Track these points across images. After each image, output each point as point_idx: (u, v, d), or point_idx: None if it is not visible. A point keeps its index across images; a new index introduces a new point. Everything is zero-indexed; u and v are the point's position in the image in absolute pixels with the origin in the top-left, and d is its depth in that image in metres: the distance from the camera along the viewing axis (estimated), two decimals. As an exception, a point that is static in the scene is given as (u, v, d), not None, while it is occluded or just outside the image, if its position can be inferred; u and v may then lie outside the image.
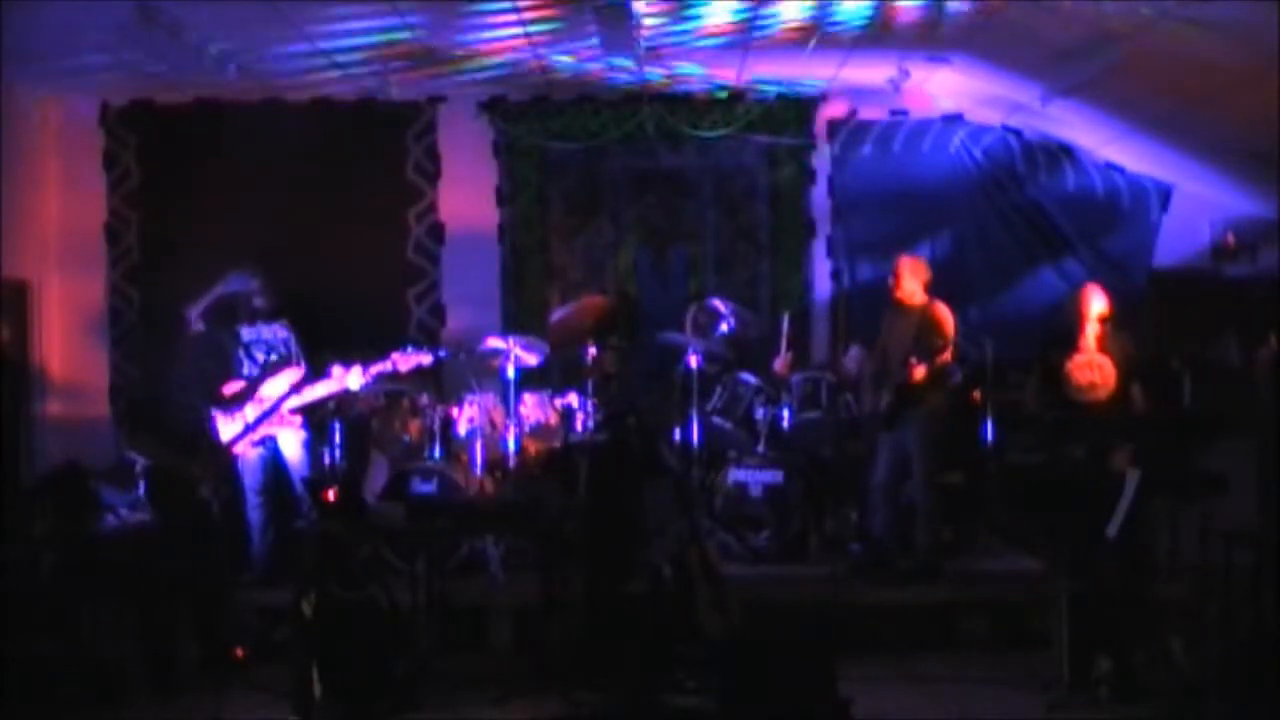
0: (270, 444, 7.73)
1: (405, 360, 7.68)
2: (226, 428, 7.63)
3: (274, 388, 7.72)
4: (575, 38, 8.04)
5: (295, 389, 7.68)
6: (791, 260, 9.86)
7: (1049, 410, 7.17)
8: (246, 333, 7.89)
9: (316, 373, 7.76)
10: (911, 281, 7.70)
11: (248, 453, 7.69)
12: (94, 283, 9.77)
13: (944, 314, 7.55)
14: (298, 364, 7.87)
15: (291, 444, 7.78)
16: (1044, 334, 7.62)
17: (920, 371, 7.27)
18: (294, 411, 7.72)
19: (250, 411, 7.63)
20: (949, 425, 7.76)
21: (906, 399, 7.50)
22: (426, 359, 7.82)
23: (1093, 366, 7.04)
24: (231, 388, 7.71)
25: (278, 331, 7.94)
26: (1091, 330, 7.10)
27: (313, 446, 7.86)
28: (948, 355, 7.47)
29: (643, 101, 9.62)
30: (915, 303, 7.69)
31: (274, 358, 7.85)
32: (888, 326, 7.78)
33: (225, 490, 7.33)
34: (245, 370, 7.80)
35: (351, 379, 7.63)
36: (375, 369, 7.63)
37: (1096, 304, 7.14)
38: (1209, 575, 6.16)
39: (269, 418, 7.58)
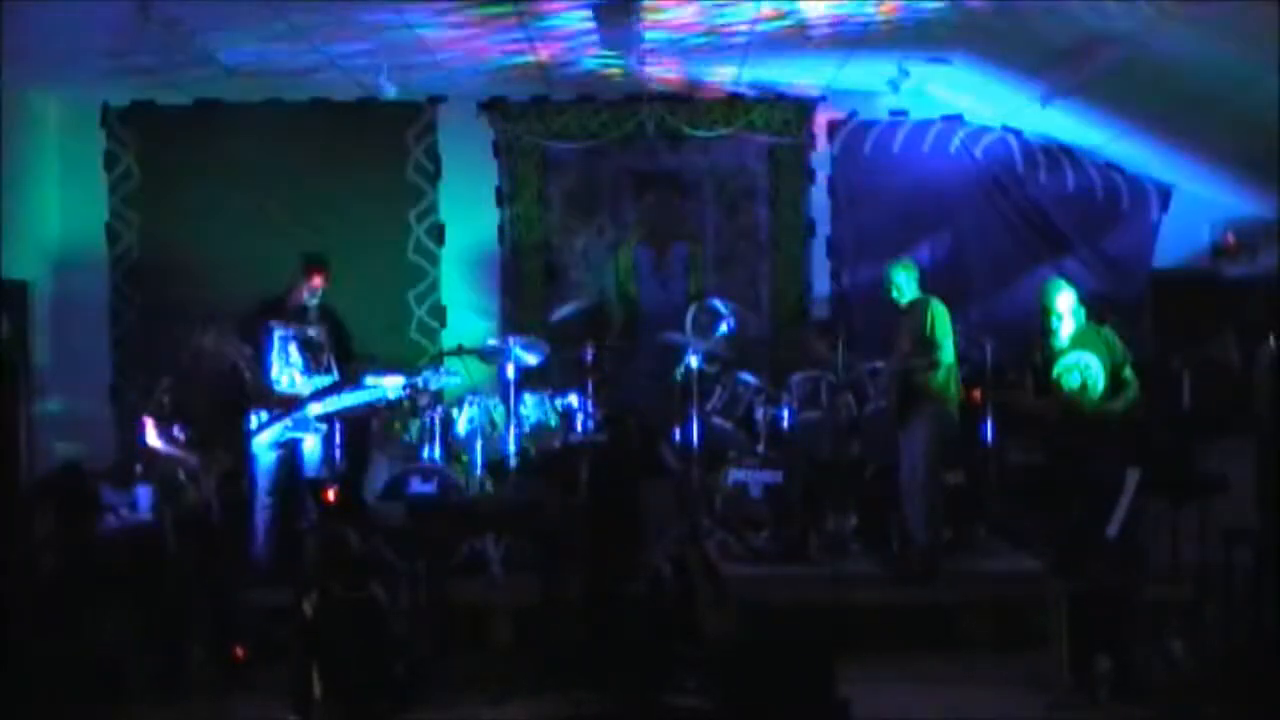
0: (292, 446, 7.71)
1: (437, 379, 8.04)
2: (256, 426, 7.60)
3: (309, 391, 7.70)
4: (575, 37, 8.04)
5: (327, 395, 7.67)
6: (791, 260, 9.86)
7: (1049, 412, 7.16)
8: (283, 328, 7.81)
9: (347, 380, 7.76)
10: (902, 283, 7.74)
11: (265, 454, 7.67)
12: (94, 283, 9.77)
13: (929, 310, 7.57)
14: (329, 370, 7.83)
15: (312, 447, 7.76)
16: (1028, 336, 7.61)
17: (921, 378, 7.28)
18: (321, 418, 7.71)
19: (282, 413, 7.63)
20: (953, 426, 7.76)
21: (910, 399, 7.51)
22: (456, 380, 8.23)
23: (1078, 369, 7.03)
24: (273, 390, 7.68)
25: (314, 333, 7.88)
26: (1067, 326, 7.07)
27: (326, 449, 7.86)
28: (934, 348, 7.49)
29: (643, 101, 9.62)
30: (908, 302, 7.73)
31: (309, 357, 7.80)
32: (896, 329, 7.82)
33: (235, 487, 7.28)
34: (277, 367, 7.76)
35: (390, 388, 7.75)
36: (411, 382, 7.86)
37: (1062, 298, 7.11)
38: (1209, 575, 6.16)
39: (299, 422, 7.59)
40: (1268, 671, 5.70)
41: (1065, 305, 7.15)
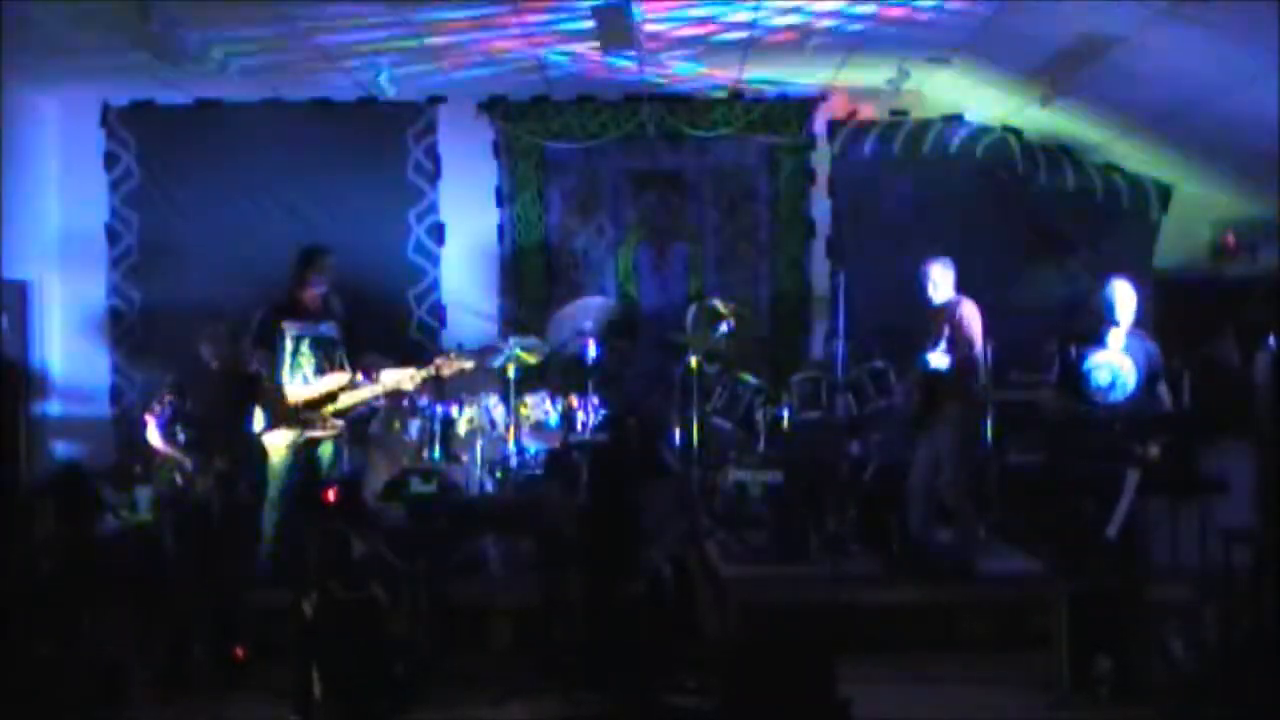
0: (310, 448, 7.66)
1: (448, 365, 7.78)
2: (270, 426, 7.54)
3: (323, 391, 7.64)
4: (575, 38, 8.04)
5: (342, 393, 7.62)
6: (791, 260, 9.87)
7: (1066, 411, 7.13)
8: (295, 327, 7.57)
9: (356, 378, 7.71)
10: (936, 283, 7.69)
11: (281, 454, 7.56)
12: (94, 283, 9.78)
13: (963, 310, 7.52)
14: (343, 367, 7.75)
15: (329, 450, 7.71)
16: (1065, 330, 7.56)
17: (938, 359, 7.24)
18: (337, 416, 7.67)
19: (296, 414, 7.58)
20: (976, 426, 7.74)
21: (933, 399, 7.49)
22: (469, 364, 7.91)
23: (1109, 367, 7.00)
24: (289, 391, 7.55)
25: (327, 330, 7.65)
26: (1121, 332, 7.01)
27: (341, 450, 7.77)
28: (961, 348, 7.44)
29: (643, 101, 9.63)
30: (939, 303, 7.69)
31: (322, 357, 7.70)
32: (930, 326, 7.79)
33: (237, 488, 7.25)
34: (289, 365, 7.57)
35: (404, 381, 7.64)
36: (423, 374, 7.66)
37: (1125, 302, 7.03)
38: (1209, 575, 6.15)
39: (314, 423, 7.56)
40: (1268, 671, 5.70)
41: (1126, 310, 7.05)
